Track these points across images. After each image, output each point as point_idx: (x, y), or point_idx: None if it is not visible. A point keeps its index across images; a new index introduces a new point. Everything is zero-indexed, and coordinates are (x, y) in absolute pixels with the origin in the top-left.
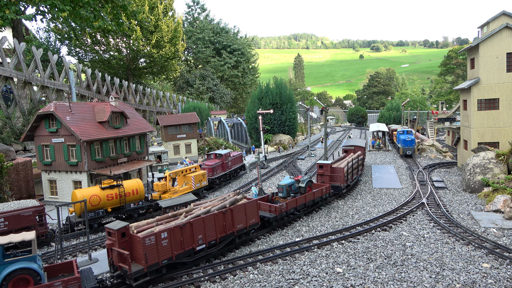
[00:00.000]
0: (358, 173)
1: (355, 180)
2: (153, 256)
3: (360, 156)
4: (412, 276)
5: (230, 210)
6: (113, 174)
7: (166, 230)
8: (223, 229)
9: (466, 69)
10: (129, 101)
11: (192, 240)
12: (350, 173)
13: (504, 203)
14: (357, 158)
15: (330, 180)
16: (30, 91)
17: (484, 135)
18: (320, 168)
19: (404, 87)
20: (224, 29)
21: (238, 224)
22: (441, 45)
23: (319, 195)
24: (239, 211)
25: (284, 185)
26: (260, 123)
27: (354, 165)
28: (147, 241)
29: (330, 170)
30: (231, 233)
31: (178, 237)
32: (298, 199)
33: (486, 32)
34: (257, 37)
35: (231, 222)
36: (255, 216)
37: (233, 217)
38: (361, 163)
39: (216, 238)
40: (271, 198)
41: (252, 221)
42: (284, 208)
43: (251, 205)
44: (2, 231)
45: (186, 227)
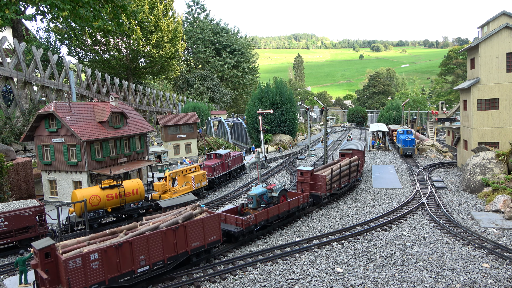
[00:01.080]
0: (349, 180)
1: (346, 187)
2: (79, 281)
3: (355, 161)
4: (412, 276)
5: (183, 227)
6: (113, 174)
7: (97, 251)
8: (173, 248)
9: (466, 69)
10: (129, 101)
11: (132, 261)
12: (336, 181)
13: (504, 203)
14: (349, 164)
15: (310, 188)
16: (30, 91)
17: (484, 135)
18: (300, 174)
19: (404, 87)
20: (224, 29)
21: (193, 242)
22: (441, 45)
23: (295, 205)
24: (195, 228)
25: (253, 195)
26: (260, 123)
27: (343, 171)
28: (71, 263)
29: (310, 178)
30: (183, 252)
31: (113, 258)
32: (270, 210)
33: (486, 32)
34: (257, 37)
35: (184, 240)
36: (216, 233)
37: (187, 235)
38: (356, 169)
39: (164, 259)
40: (241, 210)
41: (212, 238)
42: (252, 221)
43: (211, 220)
44: (2, 231)
45: (123, 247)
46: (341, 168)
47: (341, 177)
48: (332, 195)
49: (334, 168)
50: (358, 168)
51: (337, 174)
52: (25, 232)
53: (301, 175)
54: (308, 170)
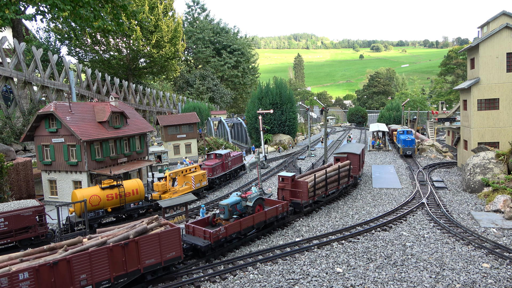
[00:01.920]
0: (338, 186)
1: (334, 194)
2: None
3: (345, 166)
4: (412, 276)
5: (134, 242)
6: (113, 174)
7: (27, 270)
8: (122, 266)
9: (466, 69)
10: (129, 101)
11: (71, 280)
12: (321, 187)
13: (504, 203)
14: (338, 169)
15: (291, 195)
16: (30, 91)
17: (484, 135)
18: (281, 181)
19: (404, 87)
20: (224, 29)
21: (147, 259)
22: (441, 45)
23: (272, 215)
24: (150, 243)
25: (225, 205)
26: (260, 123)
27: (330, 177)
28: None
29: (291, 184)
30: (135, 270)
31: (46, 278)
32: (243, 221)
33: (486, 32)
34: (257, 37)
35: (136, 257)
36: (175, 248)
37: (139, 251)
38: (346, 174)
39: (111, 277)
40: (212, 220)
41: (171, 255)
42: (222, 234)
43: (169, 235)
44: (2, 231)
45: (60, 266)
46: (328, 174)
47: (327, 183)
48: (316, 202)
49: (319, 174)
50: (349, 173)
51: (322, 180)
52: (25, 232)
53: (282, 181)
54: (289, 176)
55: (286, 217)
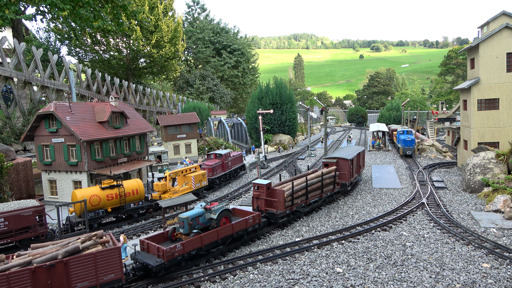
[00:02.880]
0: (322, 194)
1: (316, 202)
2: None
3: (329, 173)
4: (412, 276)
5: (63, 264)
6: (113, 174)
7: None
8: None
9: (466, 69)
10: (129, 101)
11: None
12: (301, 196)
13: (504, 203)
14: (321, 176)
15: (266, 205)
16: (30, 91)
17: (484, 135)
18: (256, 189)
19: (404, 87)
20: (224, 29)
21: (79, 282)
22: (441, 45)
23: (241, 227)
24: (82, 264)
25: (185, 218)
26: (260, 123)
27: (312, 185)
28: None
29: (267, 193)
30: None
31: None
32: (205, 236)
33: (486, 32)
34: (257, 37)
35: (66, 279)
36: (115, 270)
37: (69, 273)
38: (332, 181)
39: None
40: (172, 235)
41: (109, 278)
42: (178, 251)
43: (107, 254)
44: (2, 231)
45: None
46: (309, 181)
47: (308, 191)
48: (295, 212)
49: (298, 182)
50: (335, 181)
51: (302, 188)
52: (25, 232)
53: (257, 190)
54: (264, 184)
55: (259, 230)
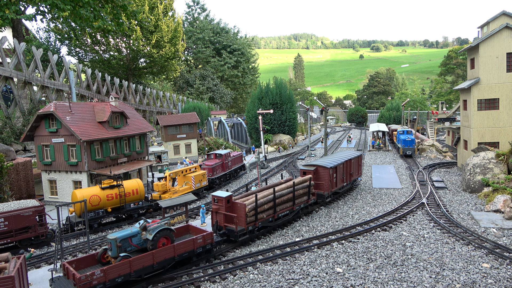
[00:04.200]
0: (293, 207)
1: (287, 216)
2: None
3: (303, 183)
4: (412, 276)
5: None
6: (113, 174)
7: None
8: None
9: (466, 69)
10: (129, 101)
11: None
12: (268, 209)
13: (504, 203)
14: (292, 187)
15: (226, 220)
16: (30, 91)
17: (484, 135)
18: (215, 202)
19: (404, 87)
20: (224, 29)
21: None
22: (441, 45)
23: (187, 249)
24: None
25: (112, 239)
26: (260, 123)
27: (281, 197)
28: None
29: (226, 206)
30: None
31: None
32: (136, 260)
33: (486, 32)
34: (257, 37)
35: None
36: None
37: None
38: (306, 191)
39: None
40: (101, 257)
41: None
42: (98, 279)
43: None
44: (2, 231)
45: None
46: (277, 192)
47: (276, 204)
48: (261, 228)
49: (264, 194)
50: (309, 191)
51: (269, 201)
52: (25, 232)
53: (216, 203)
54: (223, 196)
55: (213, 250)
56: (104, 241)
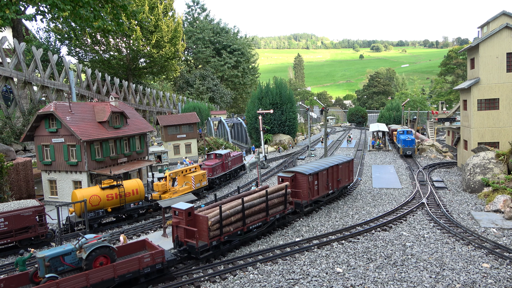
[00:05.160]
0: (267, 217)
1: (260, 227)
2: None
3: (278, 191)
4: (412, 276)
5: None
6: (113, 174)
7: None
8: None
9: (466, 69)
10: (129, 101)
11: None
12: (233, 222)
13: (504, 203)
14: (265, 196)
15: (186, 235)
16: (30, 91)
17: (484, 135)
18: (175, 215)
19: (404, 87)
20: (224, 29)
21: None
22: (441, 45)
23: (131, 269)
24: None
25: (40, 258)
26: (260, 123)
27: (252, 207)
28: None
29: (187, 220)
30: None
31: None
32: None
33: (486, 32)
34: (257, 37)
35: None
36: None
37: None
38: (282, 201)
39: None
40: (33, 276)
41: None
42: None
43: None
44: (2, 231)
45: None
46: (247, 203)
47: (245, 216)
48: (226, 243)
49: (231, 205)
50: (286, 200)
51: (236, 212)
52: (25, 232)
53: (176, 216)
54: (183, 209)
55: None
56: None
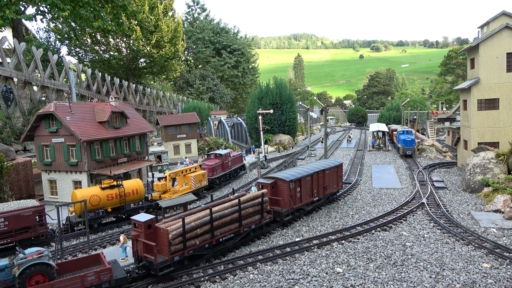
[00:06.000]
0: (240, 228)
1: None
2: None
3: (253, 199)
4: (412, 276)
5: None
6: (113, 174)
7: None
8: None
9: (466, 69)
10: (129, 101)
11: None
12: (199, 235)
13: (504, 203)
14: (238, 206)
15: (145, 250)
16: (30, 91)
17: (484, 135)
18: (135, 227)
19: (404, 87)
20: (224, 29)
21: None
22: (441, 45)
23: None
24: None
25: None
26: (260, 123)
27: (222, 218)
28: None
29: (146, 234)
30: None
31: None
32: None
33: (486, 32)
34: (257, 37)
35: None
36: None
37: None
38: (258, 210)
39: None
40: None
41: None
42: None
43: None
44: (2, 231)
45: None
46: (216, 213)
47: (214, 227)
48: (193, 258)
49: (197, 216)
50: (262, 209)
51: (203, 224)
52: (25, 232)
53: (136, 228)
54: (141, 221)
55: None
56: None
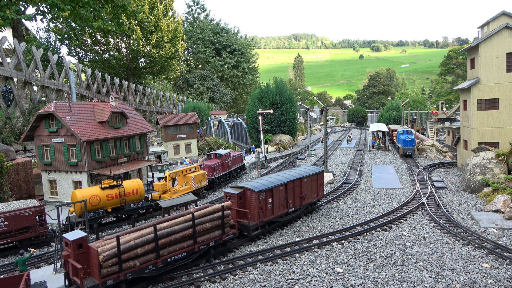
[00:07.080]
0: (195, 246)
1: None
2: None
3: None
4: (412, 276)
5: None
6: (113, 174)
7: None
8: None
9: (466, 69)
10: (129, 101)
11: None
12: (140, 255)
13: (504, 203)
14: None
15: (73, 273)
16: (30, 91)
17: (484, 135)
18: (65, 246)
19: (404, 87)
20: (224, 29)
21: None
22: (441, 45)
23: None
24: None
25: None
26: (260, 123)
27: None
28: None
29: (75, 254)
30: None
31: None
32: None
33: (486, 32)
34: (257, 37)
35: None
36: None
37: None
38: (217, 224)
39: None
40: None
41: None
42: None
43: None
44: (2, 231)
45: None
46: (162, 231)
47: (160, 246)
48: (133, 282)
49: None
50: (223, 223)
51: (146, 243)
52: (25, 232)
53: (66, 247)
54: (70, 240)
55: None
56: None
